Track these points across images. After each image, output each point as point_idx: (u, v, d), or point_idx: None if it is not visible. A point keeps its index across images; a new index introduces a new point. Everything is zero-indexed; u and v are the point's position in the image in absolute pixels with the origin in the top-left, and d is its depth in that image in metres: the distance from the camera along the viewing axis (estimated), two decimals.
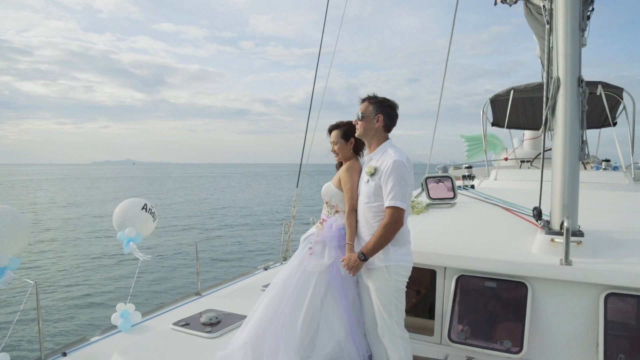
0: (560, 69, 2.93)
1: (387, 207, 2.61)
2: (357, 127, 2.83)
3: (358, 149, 3.05)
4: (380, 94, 2.86)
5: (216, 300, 4.39)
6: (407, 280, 2.74)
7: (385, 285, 2.66)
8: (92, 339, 3.68)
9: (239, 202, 36.78)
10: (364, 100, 2.86)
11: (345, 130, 3.02)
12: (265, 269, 5.64)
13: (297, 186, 6.36)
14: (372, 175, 2.71)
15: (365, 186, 2.76)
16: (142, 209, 4.49)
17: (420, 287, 3.95)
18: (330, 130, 3.09)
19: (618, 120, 6.40)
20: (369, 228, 2.73)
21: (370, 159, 2.82)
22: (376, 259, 2.66)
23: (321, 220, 3.05)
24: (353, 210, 2.82)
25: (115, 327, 3.84)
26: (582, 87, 2.91)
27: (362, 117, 2.80)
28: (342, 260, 2.74)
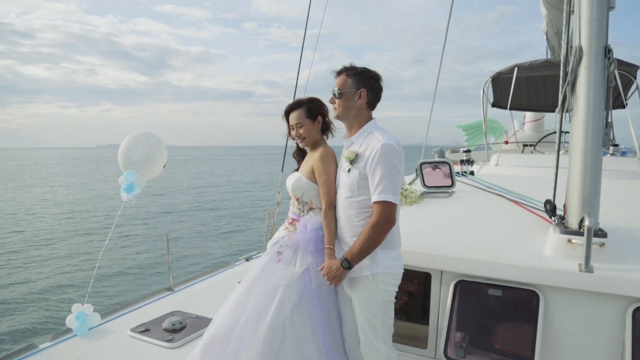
0: (584, 36, 2.44)
1: (375, 203, 2.15)
2: (335, 106, 2.34)
3: (326, 129, 2.58)
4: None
5: (189, 297, 3.97)
6: (397, 290, 2.30)
7: (371, 297, 2.22)
8: (42, 346, 3.25)
9: (230, 186, 36.28)
10: (339, 73, 2.34)
11: (309, 107, 2.52)
12: (247, 260, 5.22)
13: (282, 170, 5.89)
14: (353, 162, 2.24)
15: (346, 177, 2.28)
16: None
17: (413, 286, 3.52)
18: (288, 112, 2.57)
19: (629, 101, 5.94)
20: (351, 228, 2.27)
21: (351, 142, 2.33)
22: (361, 266, 2.21)
23: (290, 220, 2.56)
24: (331, 206, 2.36)
25: (70, 330, 3.42)
26: (609, 59, 2.43)
27: (340, 93, 2.30)
28: (321, 269, 2.26)
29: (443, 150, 6.60)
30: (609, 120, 2.49)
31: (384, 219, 2.14)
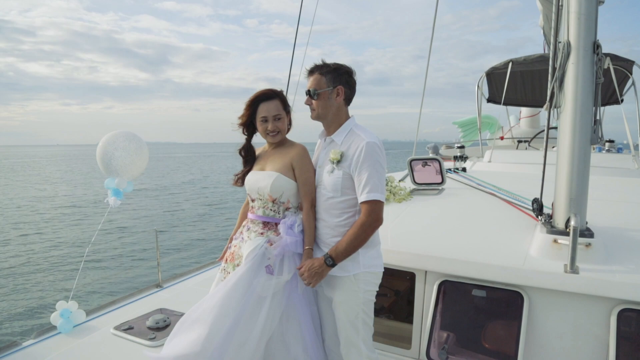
0: (572, 31, 2.38)
1: (364, 202, 2.09)
2: (313, 107, 2.25)
3: (290, 123, 2.48)
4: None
5: (177, 294, 3.93)
6: (377, 290, 2.25)
7: (353, 297, 2.17)
8: (25, 343, 3.21)
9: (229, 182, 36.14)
10: (312, 72, 2.25)
11: (283, 99, 2.40)
12: None
13: None
14: (338, 162, 2.17)
15: (328, 177, 2.21)
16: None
17: (402, 285, 3.48)
18: (261, 101, 2.35)
19: (625, 97, 5.87)
20: (333, 229, 2.21)
21: (331, 141, 2.26)
22: (342, 266, 2.16)
23: (263, 225, 2.35)
24: (313, 206, 2.29)
25: (54, 328, 3.39)
26: (597, 55, 2.37)
27: (317, 94, 2.22)
28: (300, 268, 2.18)
29: (437, 146, 6.54)
30: (598, 117, 2.43)
31: (374, 218, 2.10)
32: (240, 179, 2.50)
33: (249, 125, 2.43)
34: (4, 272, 10.70)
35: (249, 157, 2.49)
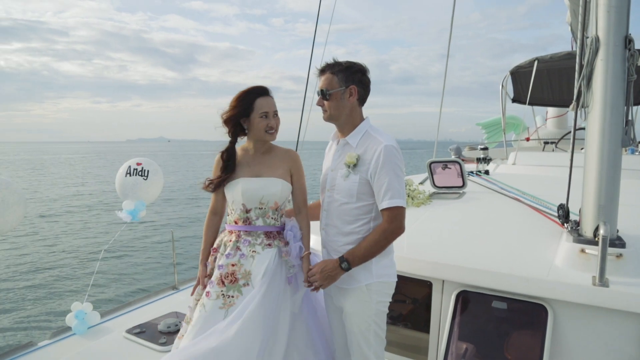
0: (601, 24, 2.21)
1: (387, 209, 1.98)
2: (325, 108, 2.14)
3: None
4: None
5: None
6: (390, 300, 2.15)
7: (365, 308, 2.07)
8: (41, 344, 3.24)
9: None
10: (323, 72, 2.13)
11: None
12: None
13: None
14: (354, 166, 2.06)
15: (343, 182, 2.09)
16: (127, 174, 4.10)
17: (420, 293, 3.36)
18: (256, 95, 2.16)
19: None
20: (346, 235, 2.10)
21: (345, 143, 2.15)
22: (353, 276, 2.06)
23: (265, 235, 2.20)
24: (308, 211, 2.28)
25: (69, 329, 3.41)
26: (629, 50, 2.20)
27: (329, 94, 2.10)
28: (310, 271, 2.09)
29: (460, 147, 6.34)
30: (630, 117, 2.26)
31: (397, 225, 2.00)
32: (215, 185, 2.24)
33: (236, 124, 2.21)
34: (20, 272, 10.75)
35: (230, 162, 2.23)
